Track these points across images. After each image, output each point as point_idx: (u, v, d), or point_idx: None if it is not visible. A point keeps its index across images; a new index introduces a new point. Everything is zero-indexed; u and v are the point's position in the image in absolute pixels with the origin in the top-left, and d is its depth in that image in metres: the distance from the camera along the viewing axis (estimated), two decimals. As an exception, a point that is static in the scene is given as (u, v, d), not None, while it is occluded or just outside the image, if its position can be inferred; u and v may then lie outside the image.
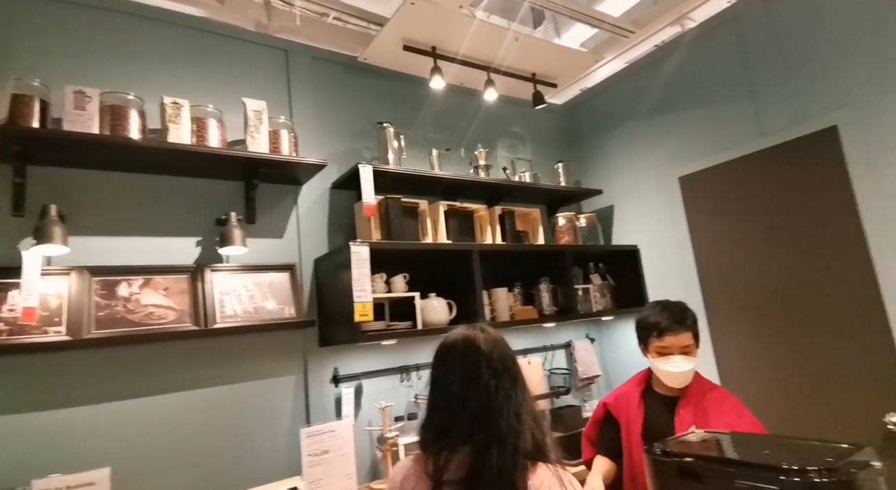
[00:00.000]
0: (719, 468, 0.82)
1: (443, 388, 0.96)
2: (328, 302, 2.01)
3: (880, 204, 1.86)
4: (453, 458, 0.88)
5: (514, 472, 0.86)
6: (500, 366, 0.94)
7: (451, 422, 0.91)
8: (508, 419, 0.89)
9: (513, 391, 0.92)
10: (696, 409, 1.47)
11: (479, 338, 0.98)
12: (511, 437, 0.88)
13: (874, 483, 0.76)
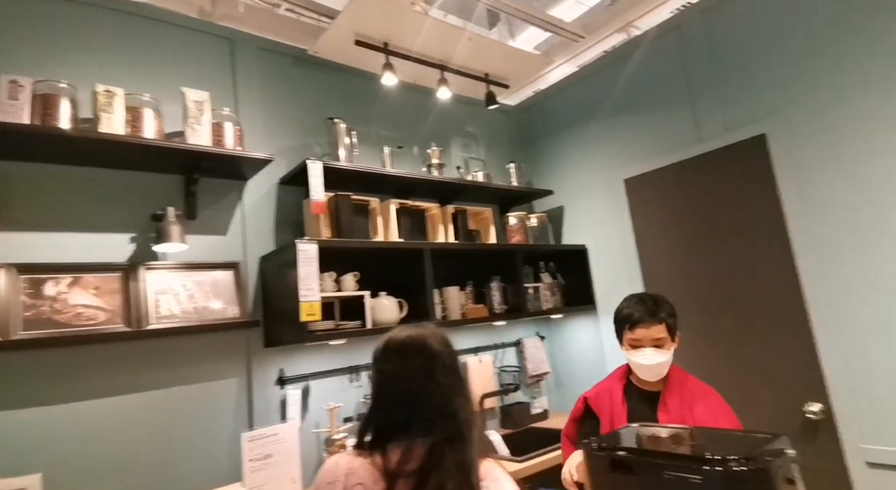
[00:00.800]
0: (648, 460, 0.85)
1: (396, 384, 0.95)
2: (274, 301, 1.95)
3: (803, 209, 2.00)
4: (407, 451, 0.89)
5: (470, 464, 0.88)
6: (451, 363, 0.96)
7: (408, 417, 0.91)
8: (464, 415, 0.92)
9: (462, 388, 0.95)
10: (680, 404, 1.44)
11: (430, 336, 1.00)
12: (467, 432, 0.91)
13: (787, 469, 0.81)
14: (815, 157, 1.97)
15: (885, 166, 1.79)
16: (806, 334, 1.97)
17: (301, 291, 1.72)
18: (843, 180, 1.90)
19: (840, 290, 1.89)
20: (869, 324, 1.81)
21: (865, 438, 1.80)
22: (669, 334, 1.50)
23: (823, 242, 1.94)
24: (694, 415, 1.38)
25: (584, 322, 2.87)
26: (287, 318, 1.82)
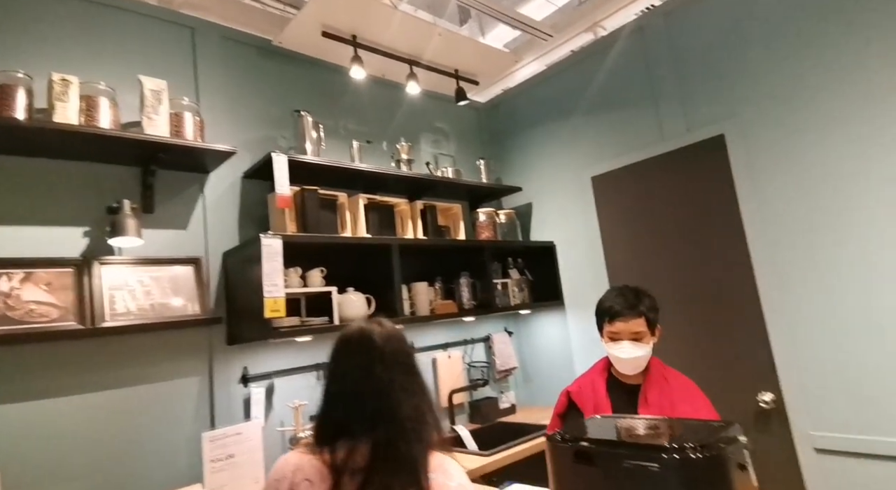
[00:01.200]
0: (609, 450, 0.86)
1: (338, 381, 0.96)
2: (237, 298, 1.90)
3: (757, 207, 2.08)
4: (353, 449, 0.88)
5: (416, 460, 0.88)
6: (394, 359, 0.95)
7: (349, 415, 0.91)
8: (408, 411, 0.91)
9: (409, 384, 0.93)
10: (660, 398, 1.44)
11: (374, 332, 0.98)
12: (411, 429, 0.90)
13: (740, 455, 0.84)
14: (769, 158, 2.05)
15: (833, 168, 1.88)
16: (759, 327, 2.05)
17: (265, 287, 1.68)
18: (794, 181, 1.98)
19: (790, 285, 1.97)
20: (816, 317, 1.90)
21: (814, 425, 1.89)
22: (649, 328, 1.49)
23: (775, 240, 2.02)
24: (675, 407, 1.39)
25: (551, 317, 2.92)
26: (251, 314, 1.77)
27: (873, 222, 1.79)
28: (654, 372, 1.51)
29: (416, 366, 0.98)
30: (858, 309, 1.81)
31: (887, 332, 1.74)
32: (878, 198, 1.78)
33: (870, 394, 1.77)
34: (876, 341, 1.77)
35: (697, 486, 0.78)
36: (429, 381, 2.54)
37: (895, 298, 1.73)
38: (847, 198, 1.85)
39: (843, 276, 1.84)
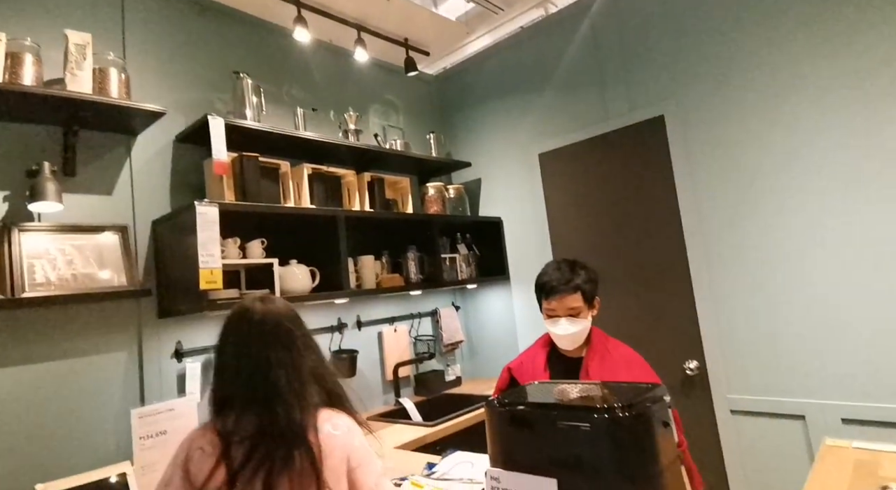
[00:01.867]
0: (544, 413, 0.89)
1: (221, 357, 1.00)
2: (169, 268, 1.79)
3: (691, 186, 2.19)
4: (239, 419, 0.93)
5: (298, 425, 0.93)
6: (272, 336, 0.98)
7: (232, 389, 0.96)
8: (285, 384, 0.94)
9: (287, 358, 0.97)
10: (601, 369, 1.43)
11: (254, 310, 1.01)
12: (291, 399, 0.94)
13: (664, 414, 0.90)
14: (704, 140, 2.16)
15: (760, 153, 2.00)
16: (689, 300, 2.19)
17: (201, 257, 1.60)
18: (725, 163, 2.10)
19: (716, 262, 2.11)
20: (737, 292, 2.05)
21: (730, 389, 2.06)
22: (586, 302, 1.47)
23: (705, 219, 2.14)
24: (618, 379, 1.35)
25: (497, 292, 2.97)
26: (184, 286, 1.69)
27: (795, 203, 1.93)
28: (595, 344, 1.50)
29: (299, 340, 1.01)
30: (774, 285, 1.96)
31: (796, 307, 1.90)
32: (801, 183, 1.92)
33: (778, 360, 1.94)
34: (786, 314, 1.93)
35: (625, 442, 0.82)
36: (374, 354, 2.57)
37: (808, 277, 1.89)
38: (772, 181, 1.98)
39: (764, 255, 1.99)
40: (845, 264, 1.81)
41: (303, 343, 1.02)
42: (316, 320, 2.35)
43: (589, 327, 1.50)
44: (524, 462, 0.91)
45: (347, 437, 1.00)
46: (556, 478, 0.86)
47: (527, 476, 0.90)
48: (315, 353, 1.04)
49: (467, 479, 1.36)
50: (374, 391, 2.55)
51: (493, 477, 0.94)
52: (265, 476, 0.90)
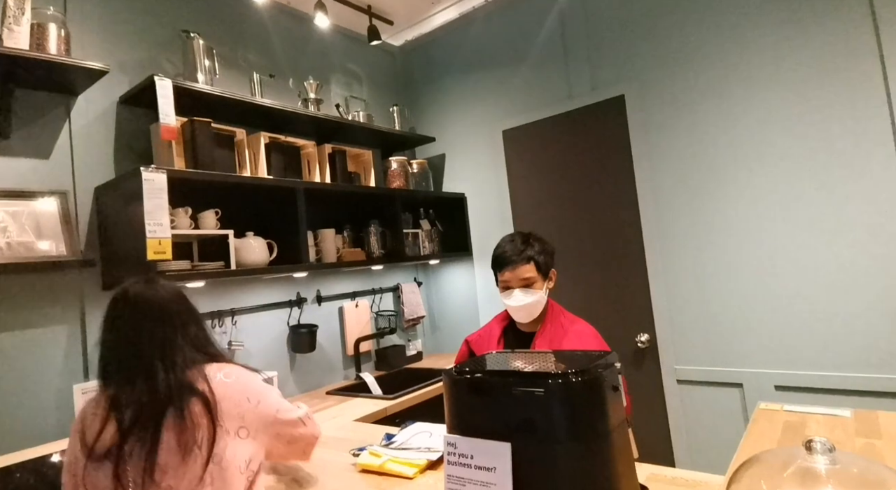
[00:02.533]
0: (500, 380, 0.91)
1: (103, 332, 1.07)
2: (114, 238, 1.70)
3: (648, 167, 2.24)
4: (122, 386, 1.00)
5: (186, 381, 1.00)
6: (146, 312, 1.05)
7: (112, 360, 1.03)
8: (160, 355, 1.01)
9: (160, 331, 1.03)
10: (551, 343, 1.43)
11: (128, 290, 1.08)
12: (169, 365, 1.00)
13: (614, 379, 0.93)
14: (659, 121, 2.21)
15: (716, 136, 2.07)
16: (642, 276, 2.27)
17: (148, 227, 1.52)
18: (678, 144, 2.15)
19: (669, 239, 2.18)
20: (687, 268, 2.14)
21: (677, 360, 2.16)
22: (540, 273, 1.47)
23: (659, 196, 2.21)
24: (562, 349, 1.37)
25: (459, 268, 2.99)
26: (131, 257, 1.60)
27: (743, 185, 2.01)
28: (551, 319, 1.50)
29: (176, 316, 1.07)
30: (720, 263, 2.06)
31: (739, 284, 2.01)
32: (749, 166, 1.99)
33: (721, 333, 2.05)
34: (730, 291, 2.03)
35: (576, 405, 0.85)
36: (334, 329, 2.55)
37: (751, 256, 1.98)
38: (723, 163, 2.05)
39: (713, 234, 2.07)
40: (785, 245, 1.91)
41: (181, 319, 1.08)
42: (274, 295, 2.30)
43: (544, 300, 1.49)
44: (480, 428, 0.93)
45: (241, 381, 1.07)
46: (510, 441, 0.88)
47: (482, 441, 0.92)
48: (196, 326, 1.11)
49: (425, 448, 1.38)
50: (334, 366, 2.54)
51: (450, 442, 0.96)
52: (153, 430, 0.95)
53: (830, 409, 1.30)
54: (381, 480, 1.24)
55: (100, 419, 0.97)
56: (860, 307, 1.77)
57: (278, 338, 2.30)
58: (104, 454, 0.94)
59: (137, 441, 0.94)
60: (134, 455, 0.94)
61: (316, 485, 1.25)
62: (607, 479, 0.84)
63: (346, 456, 1.42)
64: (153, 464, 0.93)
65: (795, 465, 0.72)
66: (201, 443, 0.96)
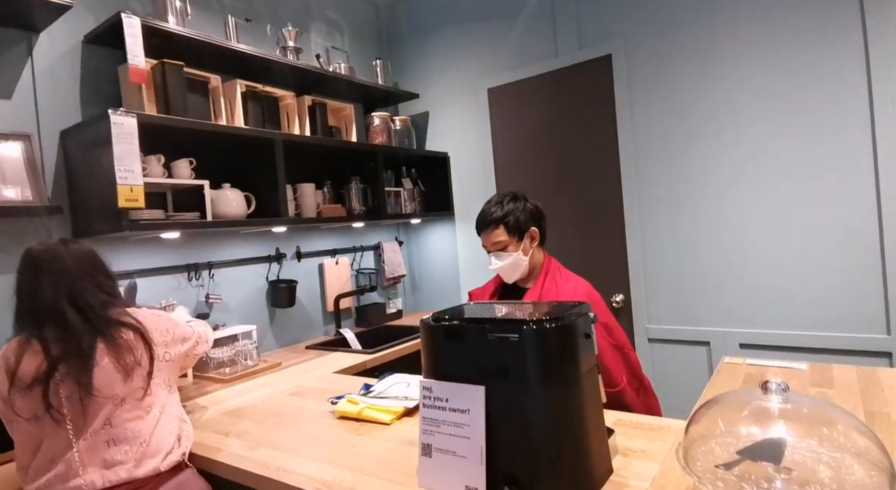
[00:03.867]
0: (476, 326, 0.92)
1: (17, 281, 1.15)
2: (84, 185, 1.64)
3: (631, 128, 2.24)
4: (38, 332, 1.09)
5: (109, 314, 1.14)
6: (47, 267, 1.13)
7: (27, 309, 1.13)
8: (70, 305, 1.11)
9: (63, 281, 1.12)
10: (541, 299, 1.44)
11: (34, 248, 1.16)
12: (82, 310, 1.11)
13: (587, 327, 0.95)
14: (644, 81, 2.19)
15: (699, 98, 2.06)
16: (620, 237, 2.30)
17: (118, 173, 1.47)
18: (662, 105, 2.15)
19: (647, 201, 2.21)
20: (663, 231, 2.17)
21: (650, 320, 2.23)
22: (513, 235, 1.46)
23: (641, 158, 2.22)
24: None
25: (441, 229, 2.99)
26: (101, 204, 1.55)
27: (722, 148, 2.02)
28: (545, 276, 1.49)
29: (82, 269, 1.16)
30: (696, 225, 2.09)
31: (712, 247, 2.05)
32: (729, 129, 2.00)
33: (692, 294, 2.11)
34: (703, 253, 2.08)
35: (550, 349, 0.87)
36: (314, 286, 2.54)
37: (725, 219, 2.02)
38: (704, 126, 2.05)
39: (691, 196, 2.10)
40: (757, 210, 1.95)
41: (89, 271, 1.17)
42: (253, 249, 2.27)
43: (522, 261, 1.48)
44: (455, 373, 0.95)
45: (162, 317, 1.28)
46: (484, 385, 0.90)
47: (457, 384, 0.94)
48: (108, 279, 1.22)
49: (402, 397, 1.41)
50: (314, 322, 2.55)
51: (426, 387, 0.98)
52: (85, 357, 1.07)
53: (789, 362, 1.36)
54: (359, 426, 1.27)
55: (26, 354, 1.07)
56: (823, 271, 1.84)
57: (257, 293, 2.29)
58: (31, 383, 1.05)
59: (69, 369, 1.06)
60: (67, 380, 1.06)
61: (295, 430, 1.28)
62: (576, 422, 0.87)
63: (325, 404, 1.45)
64: (89, 385, 1.06)
65: (752, 405, 0.76)
66: (140, 360, 1.14)
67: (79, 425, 1.07)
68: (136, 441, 1.10)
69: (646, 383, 1.48)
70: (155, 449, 1.12)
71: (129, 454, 1.09)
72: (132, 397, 1.12)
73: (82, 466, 1.05)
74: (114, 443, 1.08)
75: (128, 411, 1.11)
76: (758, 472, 0.70)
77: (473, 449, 0.90)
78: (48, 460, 1.06)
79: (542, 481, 0.85)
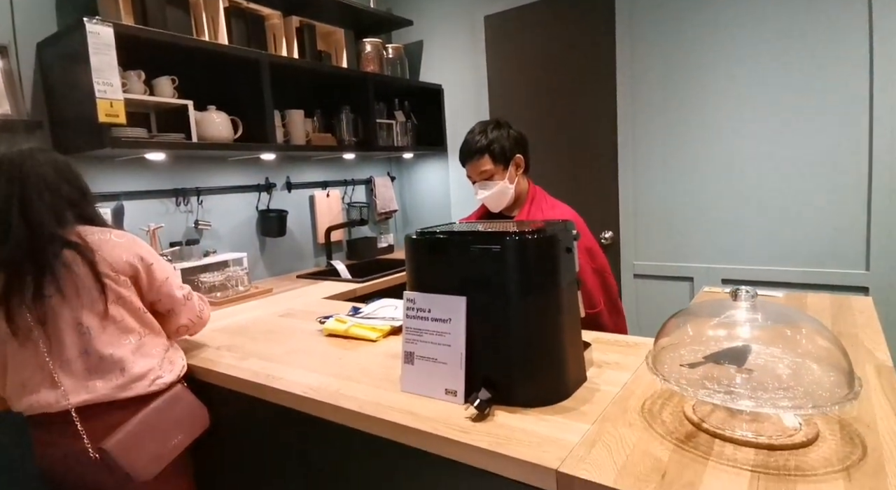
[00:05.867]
0: (459, 238, 0.93)
1: None
2: (63, 99, 1.59)
3: (630, 63, 2.16)
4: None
5: (58, 234, 1.04)
6: (5, 171, 1.05)
7: None
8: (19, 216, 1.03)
9: (14, 192, 1.04)
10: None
11: (4, 154, 1.07)
12: (31, 225, 1.03)
13: (569, 241, 0.96)
14: (646, 14, 2.09)
15: (700, 38, 1.98)
16: (613, 174, 2.29)
17: (97, 86, 1.42)
18: (663, 41, 2.06)
19: (642, 136, 2.17)
20: (655, 167, 2.16)
21: (636, 256, 2.26)
22: (498, 164, 1.43)
23: (637, 96, 2.16)
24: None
25: (433, 164, 2.95)
26: (81, 120, 1.51)
27: (723, 86, 1.97)
28: (531, 203, 1.48)
29: (43, 179, 1.07)
30: (688, 162, 2.07)
31: (703, 184, 2.05)
32: (731, 72, 1.94)
33: (679, 231, 2.13)
34: (693, 190, 2.07)
35: (530, 260, 0.89)
36: (305, 218, 2.54)
37: (718, 157, 2.00)
38: (706, 64, 1.99)
39: (686, 133, 2.07)
40: (749, 150, 1.93)
41: (51, 181, 1.08)
42: (242, 177, 2.25)
43: (509, 190, 1.46)
44: (439, 285, 0.96)
45: (136, 243, 1.15)
46: (465, 296, 0.93)
47: (440, 295, 0.96)
48: (75, 191, 1.12)
49: (390, 318, 1.45)
50: (305, 253, 2.57)
51: (410, 299, 1.00)
52: (35, 283, 1.01)
53: (765, 290, 1.40)
54: (346, 343, 1.31)
55: None
56: (809, 208, 1.85)
57: (247, 221, 2.28)
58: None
59: (18, 286, 1.01)
60: (25, 296, 1.01)
61: (284, 345, 1.32)
62: (553, 331, 0.90)
63: (314, 324, 1.49)
64: (41, 302, 1.01)
65: (721, 313, 0.78)
66: (86, 283, 1.05)
67: (51, 349, 1.04)
68: (116, 367, 1.06)
69: (618, 306, 1.52)
70: (136, 375, 1.08)
71: (111, 380, 1.05)
72: (94, 321, 1.06)
73: (60, 388, 1.03)
74: (94, 370, 1.05)
75: (97, 337, 1.06)
76: (721, 373, 0.73)
77: (454, 355, 0.93)
78: (19, 384, 1.05)
79: (518, 385, 0.89)
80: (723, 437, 0.71)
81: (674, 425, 0.76)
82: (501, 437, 0.77)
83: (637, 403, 0.85)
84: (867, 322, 1.13)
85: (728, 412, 0.74)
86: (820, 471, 0.62)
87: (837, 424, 0.72)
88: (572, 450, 0.72)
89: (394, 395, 0.96)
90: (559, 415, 0.83)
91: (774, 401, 0.65)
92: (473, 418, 0.84)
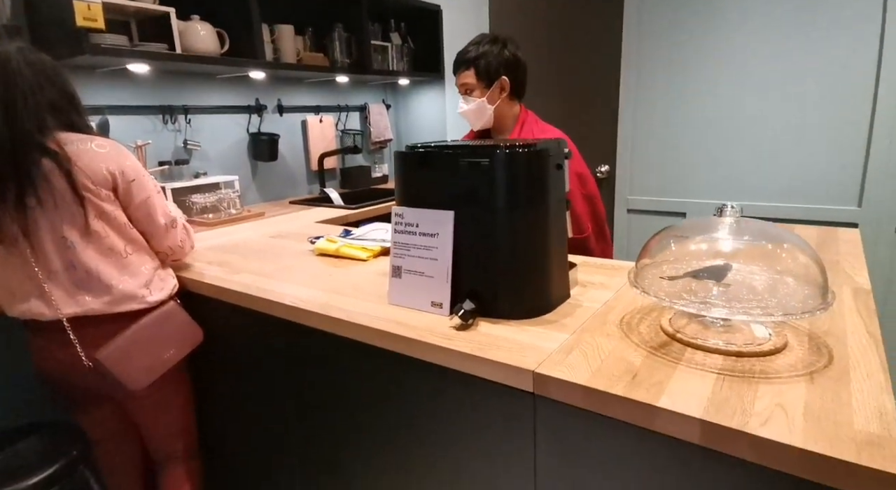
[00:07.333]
0: (448, 152, 0.91)
1: None
2: (41, 2, 1.49)
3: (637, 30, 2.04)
4: None
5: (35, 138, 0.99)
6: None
7: None
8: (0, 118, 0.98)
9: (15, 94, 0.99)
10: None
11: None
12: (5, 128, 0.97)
13: (559, 158, 0.94)
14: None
15: None
16: (613, 107, 2.23)
17: (71, -14, 1.33)
18: None
19: (646, 72, 2.10)
20: (657, 102, 2.10)
21: (630, 191, 2.26)
22: (481, 80, 1.39)
23: (644, 29, 2.06)
24: None
25: (430, 92, 2.85)
26: (59, 24, 1.43)
27: (728, 32, 1.87)
28: (521, 128, 1.46)
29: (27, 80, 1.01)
30: (689, 97, 2.02)
31: (702, 121, 2.00)
32: (743, 12, 1.83)
33: (674, 166, 2.12)
34: (691, 126, 2.03)
35: (519, 174, 0.88)
36: (297, 142, 2.48)
37: (719, 93, 1.94)
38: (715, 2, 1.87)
39: (689, 68, 2.00)
40: (752, 89, 1.88)
41: (35, 83, 1.02)
42: (231, 97, 2.17)
43: (488, 109, 1.42)
44: (427, 199, 0.96)
45: (121, 155, 1.09)
46: (453, 210, 0.92)
47: (428, 210, 0.96)
48: (59, 95, 1.06)
49: (381, 240, 1.45)
50: (298, 180, 2.54)
51: (398, 214, 1.00)
52: (17, 191, 0.97)
53: (756, 222, 1.40)
54: (337, 261, 1.32)
55: None
56: (808, 143, 1.83)
57: (238, 144, 2.23)
58: None
59: (0, 194, 0.98)
60: (8, 205, 0.99)
61: (274, 262, 1.33)
62: (539, 246, 0.91)
63: (305, 244, 1.50)
64: (24, 212, 0.99)
65: (705, 229, 0.79)
66: (64, 194, 1.01)
67: (38, 259, 1.03)
68: (102, 284, 1.06)
69: (606, 234, 1.53)
70: (125, 293, 1.07)
71: (100, 296, 1.05)
72: (76, 236, 1.04)
73: (52, 298, 1.04)
74: (81, 284, 1.05)
75: (82, 251, 1.04)
76: (699, 287, 0.75)
77: (440, 269, 0.95)
78: (8, 292, 1.05)
79: (502, 298, 0.91)
80: (694, 346, 0.73)
81: (650, 336, 0.78)
82: (484, 344, 0.80)
83: (616, 317, 0.87)
84: (851, 250, 1.15)
85: (702, 324, 0.76)
86: (784, 374, 0.65)
87: (807, 336, 0.75)
88: (550, 355, 0.75)
89: (382, 308, 0.98)
90: (540, 326, 0.86)
91: (747, 309, 0.67)
92: (458, 327, 0.87)
